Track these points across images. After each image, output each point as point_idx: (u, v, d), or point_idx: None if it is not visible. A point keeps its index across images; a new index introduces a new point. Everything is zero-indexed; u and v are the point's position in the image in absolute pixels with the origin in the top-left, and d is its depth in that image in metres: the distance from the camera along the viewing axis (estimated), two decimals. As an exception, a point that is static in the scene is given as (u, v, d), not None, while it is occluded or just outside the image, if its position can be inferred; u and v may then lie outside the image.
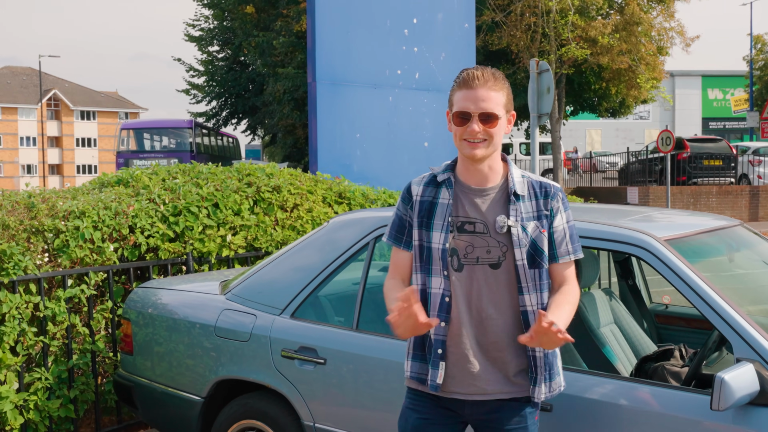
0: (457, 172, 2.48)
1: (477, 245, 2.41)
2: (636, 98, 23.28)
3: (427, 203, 2.45)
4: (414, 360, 2.54)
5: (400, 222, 2.54)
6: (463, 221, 2.42)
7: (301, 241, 3.87)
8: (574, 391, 2.82)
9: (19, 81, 75.54)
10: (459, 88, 2.39)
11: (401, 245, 2.53)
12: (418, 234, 2.47)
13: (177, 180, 5.56)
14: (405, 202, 2.52)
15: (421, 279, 2.48)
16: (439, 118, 7.89)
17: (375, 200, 6.52)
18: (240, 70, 29.72)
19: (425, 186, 2.49)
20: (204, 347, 3.81)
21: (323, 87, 7.11)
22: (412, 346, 2.54)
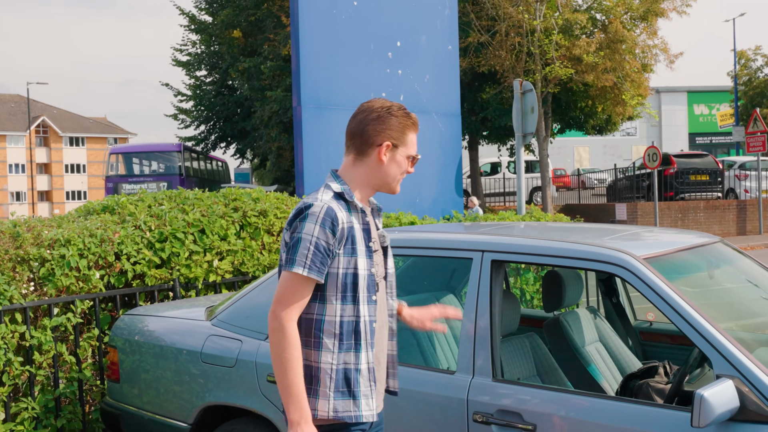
0: (357, 196, 2.50)
1: (378, 262, 2.54)
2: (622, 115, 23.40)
3: (350, 229, 2.40)
4: (339, 399, 2.39)
5: (326, 252, 2.35)
6: (371, 243, 2.49)
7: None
8: (557, 410, 2.84)
9: (8, 108, 75.43)
10: (412, 130, 2.52)
11: (322, 277, 2.36)
12: (344, 262, 2.38)
13: (163, 206, 5.57)
14: (332, 231, 2.34)
15: (346, 310, 2.39)
16: (425, 140, 7.94)
17: (362, 222, 6.55)
18: (228, 94, 29.77)
19: (346, 212, 2.41)
20: (190, 373, 3.81)
21: (308, 111, 7.15)
22: (333, 384, 2.38)
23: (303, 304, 2.35)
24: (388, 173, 2.50)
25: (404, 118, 2.50)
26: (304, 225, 2.34)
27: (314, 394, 2.38)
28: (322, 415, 2.37)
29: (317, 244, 2.32)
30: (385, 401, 3.19)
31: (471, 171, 27.11)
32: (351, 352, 2.39)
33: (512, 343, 3.50)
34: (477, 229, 3.72)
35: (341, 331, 2.38)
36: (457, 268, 4.45)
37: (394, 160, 2.49)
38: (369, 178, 2.50)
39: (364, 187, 2.50)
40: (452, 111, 8.24)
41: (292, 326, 2.31)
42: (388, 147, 2.47)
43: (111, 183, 25.03)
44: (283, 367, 2.30)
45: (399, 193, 2.61)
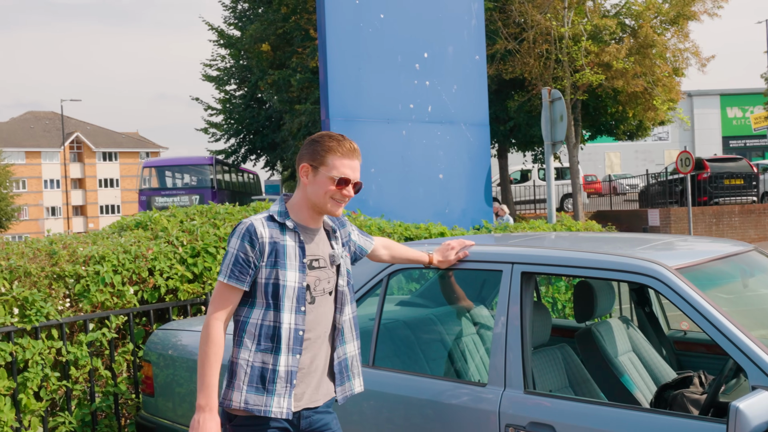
0: (295, 217, 2.76)
1: (322, 278, 2.77)
2: (653, 120, 23.19)
3: (274, 244, 2.66)
4: (251, 393, 2.64)
5: (245, 263, 2.63)
6: (311, 259, 2.74)
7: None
8: (590, 422, 2.82)
9: (42, 125, 76.75)
10: (339, 155, 2.70)
11: (244, 285, 2.65)
12: (267, 273, 2.65)
13: (194, 221, 5.63)
14: (251, 245, 2.63)
15: (267, 316, 2.66)
16: (453, 150, 7.95)
17: (391, 233, 6.56)
18: (257, 107, 29.97)
19: (270, 228, 2.67)
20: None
21: (337, 124, 7.19)
22: (248, 379, 2.64)
23: (229, 308, 2.67)
24: (312, 193, 2.72)
25: (328, 143, 2.70)
26: (231, 240, 2.68)
27: (230, 386, 2.67)
28: (234, 405, 2.64)
29: (237, 255, 2.63)
30: (415, 415, 3.19)
31: (501, 179, 27.01)
32: (269, 354, 2.65)
33: (544, 355, 3.49)
34: (507, 241, 3.71)
35: (260, 333, 2.65)
36: (487, 278, 4.44)
37: (315, 181, 2.70)
38: (303, 200, 2.76)
39: (303, 209, 2.76)
40: (480, 120, 8.24)
41: (215, 326, 2.64)
42: (305, 168, 2.72)
43: (144, 196, 25.36)
44: (201, 361, 2.62)
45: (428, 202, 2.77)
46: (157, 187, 26.26)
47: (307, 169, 2.72)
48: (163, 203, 24.21)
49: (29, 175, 73.11)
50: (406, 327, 4.08)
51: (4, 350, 4.10)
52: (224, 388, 2.68)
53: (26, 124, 76.46)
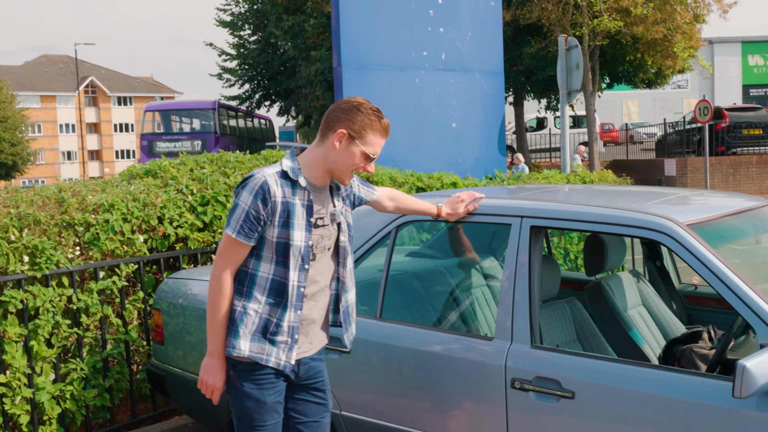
0: (307, 175, 2.73)
1: (324, 235, 2.79)
2: (672, 68, 22.80)
3: (286, 204, 2.66)
4: (255, 342, 2.71)
5: (255, 220, 2.63)
6: (317, 218, 2.75)
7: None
8: (597, 377, 2.81)
9: (57, 69, 76.54)
10: (377, 132, 2.69)
11: (251, 241, 2.67)
12: (278, 232, 2.67)
13: (204, 170, 5.61)
14: (264, 203, 2.62)
15: (277, 271, 2.70)
16: (467, 98, 7.84)
17: (403, 183, 6.52)
18: (272, 53, 29.70)
19: (282, 187, 2.66)
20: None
21: (349, 71, 7.10)
22: (254, 329, 2.70)
23: (238, 260, 2.69)
24: (338, 160, 2.69)
25: (371, 117, 2.67)
26: (242, 193, 2.64)
27: (235, 334, 2.70)
28: (238, 353, 2.69)
29: (248, 212, 2.62)
30: (421, 368, 3.20)
31: (516, 127, 26.77)
32: (276, 308, 2.70)
33: (552, 309, 3.47)
34: (517, 194, 3.67)
35: (269, 287, 2.70)
36: (497, 230, 4.41)
37: (348, 151, 2.67)
38: (322, 161, 2.71)
39: (316, 168, 2.73)
40: (495, 69, 8.12)
41: (225, 277, 2.68)
42: (343, 135, 2.65)
43: (146, 141, 24.56)
44: (213, 310, 2.68)
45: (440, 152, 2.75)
46: (159, 132, 25.35)
47: (344, 135, 2.66)
48: (165, 148, 23.38)
49: (44, 119, 73.19)
50: (414, 279, 4.07)
51: (14, 298, 4.13)
52: (228, 336, 2.73)
53: (41, 68, 76.28)
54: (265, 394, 2.74)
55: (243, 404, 2.74)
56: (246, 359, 2.71)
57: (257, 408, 2.74)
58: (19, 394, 4.13)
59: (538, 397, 2.91)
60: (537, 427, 2.93)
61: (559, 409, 2.86)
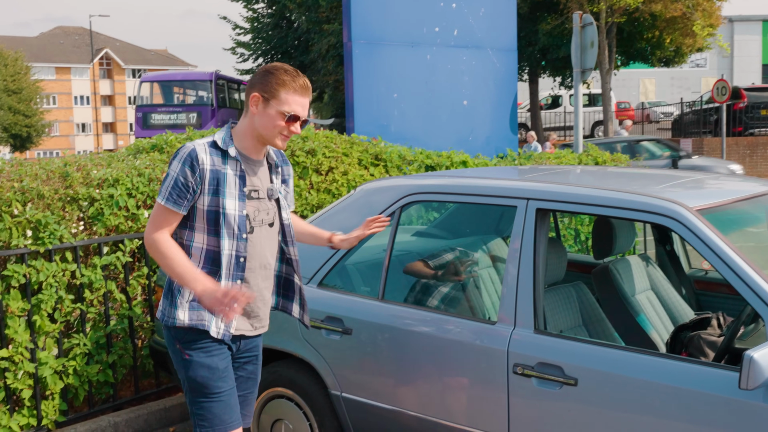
0: (239, 146, 2.74)
1: (261, 209, 2.79)
2: (691, 47, 22.50)
3: (215, 172, 2.66)
4: (194, 309, 2.70)
5: (184, 187, 2.63)
6: (251, 190, 2.75)
7: (329, 208, 3.84)
8: (600, 365, 2.76)
9: (72, 41, 76.47)
10: (292, 91, 2.67)
11: (180, 209, 2.66)
12: (208, 200, 2.66)
13: (211, 145, 5.55)
14: (192, 170, 2.62)
15: (210, 241, 2.69)
16: (479, 76, 7.73)
17: (412, 161, 6.45)
18: (286, 28, 29.55)
19: (211, 156, 2.66)
20: (234, 316, 3.82)
21: (359, 47, 7.00)
22: (191, 297, 2.69)
23: (168, 228, 2.68)
24: (260, 125, 2.69)
25: (282, 76, 2.66)
26: (173, 163, 2.66)
27: (173, 305, 2.72)
28: (179, 323, 2.71)
29: (176, 179, 2.63)
30: (423, 351, 3.16)
31: (530, 104, 26.56)
32: (212, 277, 2.67)
33: (558, 293, 3.41)
34: (524, 175, 3.59)
35: (203, 257, 2.70)
36: (505, 212, 4.34)
37: (265, 114, 2.67)
38: (249, 130, 2.73)
39: (248, 138, 2.74)
40: (508, 46, 7.98)
41: (162, 237, 2.66)
42: (257, 98, 2.67)
43: (141, 113, 23.49)
44: (171, 267, 2.63)
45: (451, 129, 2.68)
46: (154, 104, 24.15)
47: (258, 99, 2.68)
48: (160, 120, 22.68)
49: (59, 90, 73.28)
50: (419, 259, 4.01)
51: (17, 272, 4.11)
52: (167, 307, 2.75)
53: (56, 39, 76.24)
54: (216, 360, 2.73)
55: (196, 374, 2.73)
56: (188, 328, 2.71)
57: (211, 375, 2.73)
58: (22, 369, 4.12)
59: (540, 383, 2.86)
60: (539, 413, 2.88)
61: (561, 396, 2.81)
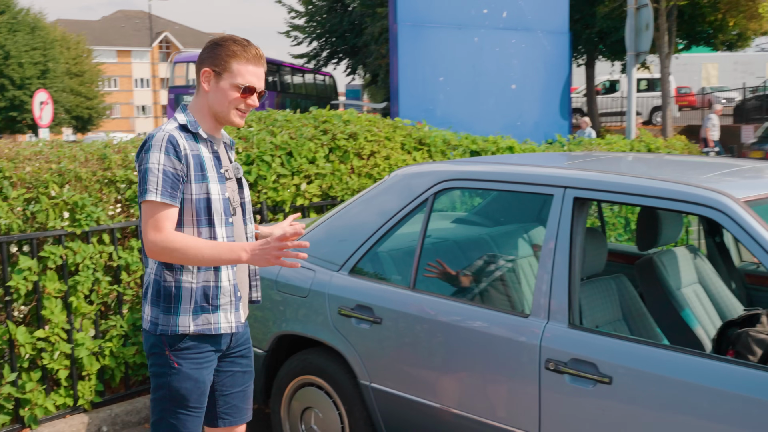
0: (202, 126, 2.56)
1: (234, 189, 2.66)
2: (756, 30, 21.73)
3: (197, 156, 2.49)
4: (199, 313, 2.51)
5: (175, 177, 2.43)
6: (224, 169, 2.60)
7: (363, 194, 3.75)
8: (637, 363, 2.62)
9: (132, 24, 77.74)
10: (244, 61, 2.50)
11: (176, 201, 2.44)
12: (196, 188, 2.47)
13: (252, 128, 5.51)
14: (177, 157, 2.42)
15: (206, 232, 2.49)
16: (528, 59, 7.54)
17: (456, 146, 6.32)
18: (341, 11, 29.49)
19: (186, 140, 2.48)
20: (265, 302, 3.77)
21: (405, 29, 6.88)
22: (194, 301, 2.50)
23: (172, 224, 2.43)
24: (214, 101, 2.53)
25: (231, 47, 2.51)
26: (149, 155, 2.41)
27: (175, 311, 2.49)
28: (183, 330, 2.50)
29: (165, 170, 2.40)
30: (454, 342, 3.05)
31: (587, 88, 26.03)
32: (210, 271, 2.51)
33: (596, 286, 3.26)
34: (565, 162, 3.44)
35: None
36: (546, 199, 4.20)
37: (218, 89, 2.51)
38: (205, 108, 2.56)
39: (206, 118, 2.57)
40: (559, 28, 7.77)
41: (173, 236, 2.40)
42: (208, 74, 2.52)
43: (173, 94, 22.61)
44: (200, 257, 2.40)
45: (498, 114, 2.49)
46: (185, 85, 23.15)
47: (209, 74, 2.51)
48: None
49: (120, 73, 74.62)
50: (455, 247, 3.91)
51: (54, 253, 4.12)
52: (161, 315, 2.49)
53: (117, 23, 77.59)
54: (204, 373, 2.56)
55: (180, 385, 2.52)
56: (190, 335, 2.51)
57: (195, 389, 2.54)
58: (58, 349, 4.14)
59: (573, 380, 2.73)
60: (571, 411, 2.76)
61: (595, 394, 2.68)
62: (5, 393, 3.97)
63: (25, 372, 4.08)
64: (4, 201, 3.99)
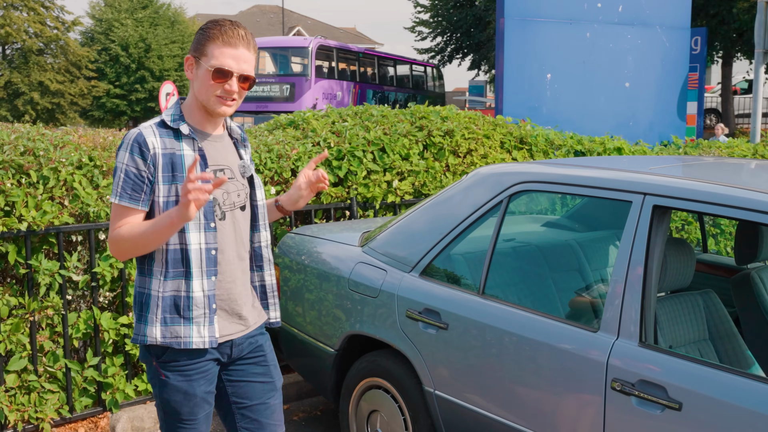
0: (191, 120, 2.40)
1: (231, 191, 2.45)
2: None
3: (170, 155, 2.31)
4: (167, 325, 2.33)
5: (138, 179, 2.27)
6: (215, 169, 2.40)
7: (441, 193, 3.63)
8: (710, 390, 2.38)
9: (267, 19, 79.95)
10: (220, 42, 2.32)
11: (139, 204, 2.30)
12: (164, 190, 2.31)
13: (346, 123, 5.48)
14: (143, 157, 2.27)
15: (175, 238, 2.32)
16: (644, 55, 7.16)
17: (560, 146, 6.08)
18: (467, 6, 29.28)
19: (161, 138, 2.31)
20: (338, 300, 3.72)
21: (512, 23, 6.66)
22: (160, 311, 2.32)
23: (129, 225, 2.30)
24: (199, 90, 2.36)
25: (210, 31, 2.33)
26: (119, 153, 2.31)
27: (144, 320, 2.36)
28: (150, 341, 2.35)
29: (127, 171, 2.28)
30: (518, 353, 2.89)
31: (722, 88, 24.69)
32: (180, 280, 2.34)
33: (680, 301, 3.01)
34: (650, 167, 3.20)
35: (167, 259, 2.33)
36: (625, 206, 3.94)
37: (198, 76, 2.35)
38: (193, 99, 2.40)
39: (194, 110, 2.41)
40: (680, 23, 7.33)
41: (120, 229, 2.29)
42: (189, 61, 2.37)
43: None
44: (145, 239, 2.26)
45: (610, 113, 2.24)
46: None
47: (191, 62, 2.36)
48: (251, 92, 20.15)
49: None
50: (537, 253, 3.72)
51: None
52: (136, 323, 2.38)
53: (253, 18, 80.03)
54: (194, 385, 2.38)
55: (170, 398, 2.38)
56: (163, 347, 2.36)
57: (186, 401, 2.38)
58: (141, 336, 4.23)
59: (639, 403, 2.52)
60: (637, 437, 2.54)
61: (662, 420, 2.46)
62: (89, 376, 4.10)
63: (108, 357, 4.20)
64: (94, 189, 4.11)
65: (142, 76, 38.64)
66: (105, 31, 39.15)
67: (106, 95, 38.39)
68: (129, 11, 39.76)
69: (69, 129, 4.58)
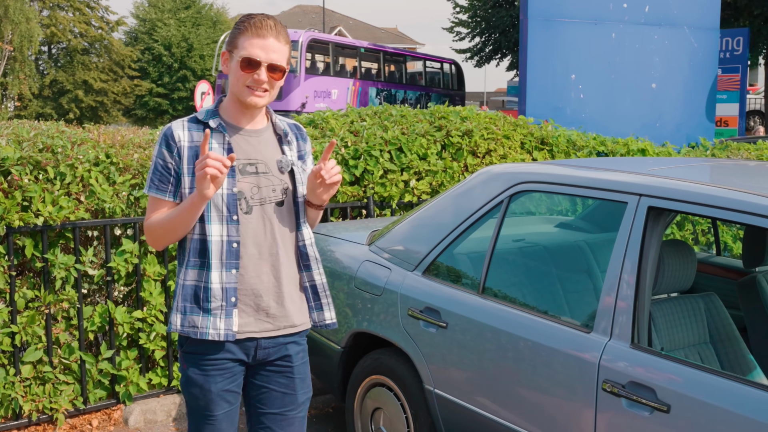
0: (225, 115, 2.46)
1: (263, 185, 2.44)
2: None
3: (196, 149, 2.37)
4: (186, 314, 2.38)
5: (165, 170, 2.37)
6: (245, 163, 2.42)
7: (444, 193, 3.64)
8: (699, 393, 2.36)
9: (309, 19, 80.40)
10: (249, 34, 2.36)
11: (166, 195, 2.39)
12: (189, 181, 2.36)
13: (365, 122, 5.51)
14: (169, 150, 2.36)
15: (198, 228, 2.37)
16: (671, 56, 7.07)
17: (582, 147, 6.04)
18: (506, 6, 29.10)
19: (191, 131, 2.39)
20: (346, 298, 3.75)
21: (535, 23, 6.63)
22: (181, 299, 2.39)
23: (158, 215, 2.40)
24: (231, 83, 2.40)
25: (242, 24, 2.39)
26: (155, 147, 2.42)
27: (172, 308, 2.44)
28: (173, 328, 2.41)
29: (155, 163, 2.39)
30: (513, 352, 2.89)
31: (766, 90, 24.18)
32: (198, 270, 2.38)
33: (679, 304, 2.98)
34: (649, 168, 3.17)
35: (189, 248, 2.39)
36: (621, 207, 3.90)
37: (232, 69, 2.41)
38: (230, 93, 2.44)
39: (230, 104, 2.46)
40: (709, 24, 7.22)
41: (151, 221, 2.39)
42: (224, 56, 2.43)
43: (220, 80, 20.82)
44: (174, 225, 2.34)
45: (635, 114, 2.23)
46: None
47: (226, 56, 2.42)
48: None
49: (295, 67, 77.41)
50: (530, 253, 3.71)
51: (156, 238, 4.29)
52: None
53: (295, 18, 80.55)
54: (211, 381, 2.39)
55: (188, 389, 2.43)
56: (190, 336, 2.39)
57: (202, 396, 2.40)
58: (155, 330, 4.32)
59: (629, 404, 2.51)
60: (627, 438, 2.53)
61: (651, 422, 2.45)
62: (103, 369, 4.19)
63: (123, 350, 4.29)
64: (111, 186, 4.20)
65: (184, 76, 39.16)
66: (148, 30, 39.80)
67: (149, 94, 39.01)
68: (172, 11, 40.36)
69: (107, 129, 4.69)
